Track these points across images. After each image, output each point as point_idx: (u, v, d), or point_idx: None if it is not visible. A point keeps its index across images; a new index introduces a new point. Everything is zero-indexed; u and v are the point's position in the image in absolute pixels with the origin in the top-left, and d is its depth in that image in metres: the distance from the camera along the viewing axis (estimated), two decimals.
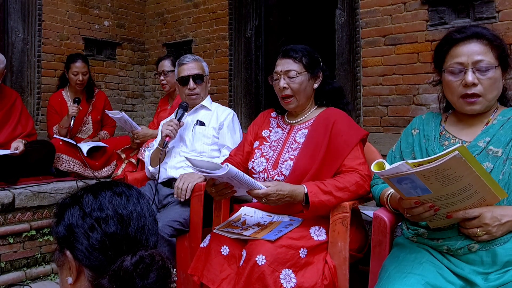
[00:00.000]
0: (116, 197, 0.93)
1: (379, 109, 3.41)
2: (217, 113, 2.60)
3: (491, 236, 1.32)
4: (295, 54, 1.95)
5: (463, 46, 1.51)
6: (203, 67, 2.67)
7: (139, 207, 0.94)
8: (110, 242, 0.88)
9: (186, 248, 2.23)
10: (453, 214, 1.34)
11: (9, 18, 4.21)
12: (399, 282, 1.32)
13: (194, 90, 2.60)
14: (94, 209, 0.91)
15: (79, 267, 0.90)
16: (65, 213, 0.92)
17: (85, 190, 0.96)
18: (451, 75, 1.53)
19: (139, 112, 5.36)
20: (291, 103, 1.98)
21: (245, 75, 4.38)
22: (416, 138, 1.66)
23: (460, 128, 1.59)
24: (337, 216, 1.77)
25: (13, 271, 2.88)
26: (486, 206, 1.33)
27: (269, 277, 1.58)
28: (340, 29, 3.61)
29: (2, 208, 2.84)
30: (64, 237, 0.91)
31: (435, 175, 1.20)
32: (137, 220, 0.92)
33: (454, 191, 1.25)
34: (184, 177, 2.31)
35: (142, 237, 0.91)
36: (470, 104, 1.51)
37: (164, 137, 2.44)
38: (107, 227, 0.89)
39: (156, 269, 0.86)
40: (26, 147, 3.10)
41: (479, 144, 1.49)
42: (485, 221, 1.31)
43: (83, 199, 0.93)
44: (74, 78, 3.55)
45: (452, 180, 1.21)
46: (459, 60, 1.50)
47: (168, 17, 5.07)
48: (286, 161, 1.93)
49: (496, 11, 2.87)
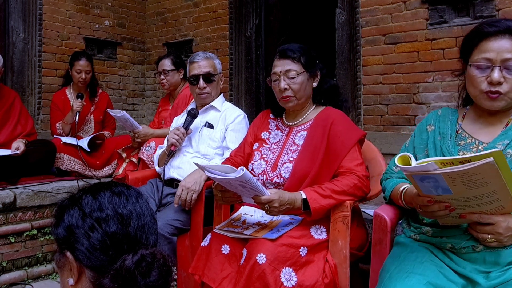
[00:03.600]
0: (115, 197, 0.93)
1: (379, 107, 3.42)
2: (226, 115, 2.52)
3: (500, 244, 1.30)
4: (293, 54, 1.93)
5: (494, 41, 1.42)
6: (214, 65, 2.57)
7: (138, 207, 0.94)
8: (111, 241, 0.88)
9: (187, 247, 2.23)
10: (467, 216, 1.30)
11: (9, 18, 4.21)
12: (400, 282, 1.31)
13: (204, 89, 2.51)
14: (94, 209, 0.91)
15: (80, 267, 0.90)
16: (65, 215, 0.93)
17: (84, 191, 0.96)
18: (476, 70, 1.45)
19: (139, 111, 5.36)
20: (290, 101, 1.96)
21: (246, 74, 4.38)
22: (431, 135, 1.59)
23: (478, 127, 1.52)
24: (337, 214, 1.77)
25: (14, 271, 2.89)
26: (502, 215, 1.27)
27: (270, 275, 1.59)
28: (340, 28, 3.61)
29: (3, 207, 2.85)
30: (64, 238, 0.92)
31: (463, 178, 1.15)
32: (137, 219, 0.92)
33: (476, 195, 1.20)
34: (186, 188, 2.22)
35: (142, 236, 0.92)
36: (492, 100, 1.43)
37: (170, 145, 2.42)
38: (107, 227, 0.89)
39: (157, 267, 0.86)
40: (26, 146, 3.11)
41: (497, 146, 1.42)
42: (499, 230, 1.27)
43: (82, 200, 0.93)
44: (77, 76, 3.56)
45: (477, 185, 1.16)
46: (488, 55, 1.42)
47: (169, 16, 5.07)
48: (285, 164, 1.92)
49: (496, 10, 2.87)
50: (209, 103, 2.57)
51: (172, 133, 2.43)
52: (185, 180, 2.26)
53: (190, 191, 2.21)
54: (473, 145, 1.49)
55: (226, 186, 1.77)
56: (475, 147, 1.48)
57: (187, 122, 2.47)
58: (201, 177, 2.24)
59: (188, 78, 2.58)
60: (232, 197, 1.83)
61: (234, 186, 1.68)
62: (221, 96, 2.64)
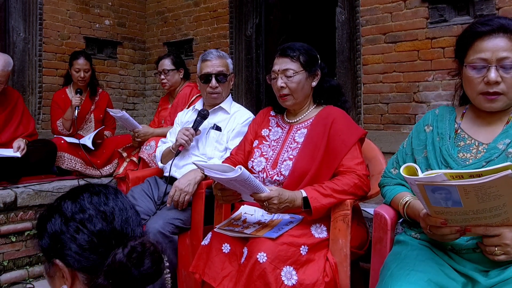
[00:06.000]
0: (95, 197, 0.94)
1: (379, 106, 3.42)
2: (235, 118, 2.47)
3: (508, 257, 1.25)
4: (292, 52, 1.94)
5: (488, 40, 1.39)
6: (227, 65, 2.52)
7: (119, 202, 0.95)
8: (99, 239, 0.89)
9: (187, 246, 2.24)
10: (473, 229, 1.26)
11: (10, 18, 4.22)
12: (402, 279, 1.31)
13: (216, 89, 2.46)
14: (76, 212, 0.91)
15: (72, 272, 0.90)
16: (47, 225, 0.92)
17: (61, 198, 0.96)
18: (472, 71, 1.42)
19: (140, 111, 5.37)
20: (288, 100, 1.97)
21: (246, 73, 4.39)
22: (429, 136, 1.56)
23: (477, 127, 1.49)
24: (338, 213, 1.77)
25: (15, 270, 2.90)
26: (507, 226, 1.24)
27: (271, 274, 1.59)
28: (341, 27, 3.61)
29: (4, 207, 2.85)
30: (51, 247, 0.91)
31: (477, 191, 1.11)
32: (120, 213, 0.93)
33: (486, 208, 1.17)
34: (179, 189, 2.21)
35: (128, 229, 0.93)
36: (490, 102, 1.41)
37: (178, 145, 2.39)
38: (92, 226, 0.89)
39: (149, 255, 0.87)
40: (27, 146, 3.11)
41: (498, 146, 1.39)
42: (505, 241, 1.24)
43: (61, 207, 0.93)
44: (76, 74, 3.57)
45: (490, 198, 1.13)
46: (483, 56, 1.39)
47: (169, 16, 5.07)
48: (285, 161, 1.92)
49: (496, 9, 2.87)
50: (219, 104, 2.52)
51: (181, 133, 2.39)
52: (179, 181, 2.25)
53: (183, 192, 2.21)
54: (472, 146, 1.47)
55: (226, 185, 1.78)
56: (475, 148, 1.46)
57: (197, 122, 2.42)
58: (195, 178, 2.24)
59: (199, 76, 2.52)
60: (232, 196, 1.84)
61: (234, 185, 1.69)
62: (229, 97, 2.60)
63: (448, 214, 1.23)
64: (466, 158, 1.45)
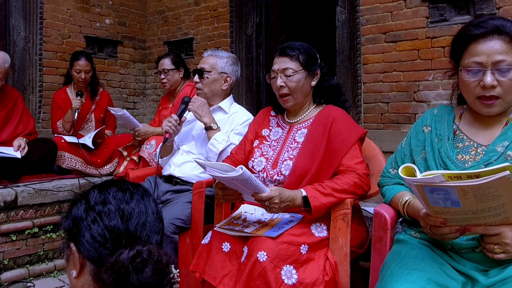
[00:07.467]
0: (120, 193, 0.95)
1: (379, 106, 3.42)
2: (234, 118, 2.48)
3: (508, 256, 1.25)
4: (291, 52, 1.94)
5: (483, 43, 1.36)
6: (214, 63, 2.48)
7: (142, 205, 0.95)
8: (110, 235, 0.90)
9: (187, 245, 2.24)
10: (472, 229, 1.26)
11: (10, 17, 4.22)
12: (402, 278, 1.31)
13: (196, 84, 2.51)
14: (98, 203, 0.93)
15: (82, 260, 0.91)
16: (73, 207, 0.96)
17: (94, 186, 0.99)
18: (468, 74, 1.40)
19: (140, 110, 5.37)
20: (289, 101, 1.97)
21: (246, 72, 4.38)
22: (428, 137, 1.55)
23: (475, 129, 1.48)
24: (338, 212, 1.78)
25: (16, 268, 2.90)
26: (507, 225, 1.24)
27: (271, 273, 1.59)
28: (341, 27, 3.61)
29: (5, 205, 2.86)
30: (70, 230, 0.94)
31: (476, 191, 1.12)
32: (138, 216, 0.93)
33: (485, 208, 1.17)
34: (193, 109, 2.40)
35: (142, 233, 0.93)
36: (487, 107, 1.39)
37: (164, 133, 2.42)
38: (108, 220, 0.91)
39: (152, 264, 0.87)
40: (28, 145, 3.12)
41: (497, 149, 1.38)
42: (505, 240, 1.24)
43: (90, 194, 0.96)
44: (77, 75, 3.57)
45: (489, 198, 1.13)
46: (478, 59, 1.36)
47: (169, 15, 5.07)
48: (286, 161, 1.93)
49: (496, 8, 2.87)
50: (216, 104, 2.53)
51: (166, 121, 2.42)
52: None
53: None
54: (471, 148, 1.46)
55: (227, 184, 1.78)
56: (474, 150, 1.46)
57: (180, 109, 2.45)
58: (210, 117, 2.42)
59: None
60: (233, 195, 1.84)
61: (235, 184, 1.69)
62: (229, 97, 2.59)
63: (447, 214, 1.23)
64: (465, 160, 1.45)
